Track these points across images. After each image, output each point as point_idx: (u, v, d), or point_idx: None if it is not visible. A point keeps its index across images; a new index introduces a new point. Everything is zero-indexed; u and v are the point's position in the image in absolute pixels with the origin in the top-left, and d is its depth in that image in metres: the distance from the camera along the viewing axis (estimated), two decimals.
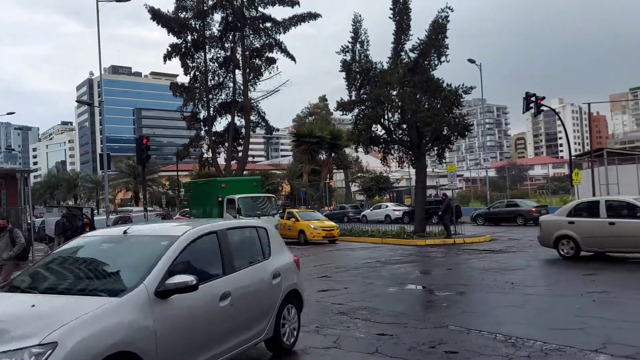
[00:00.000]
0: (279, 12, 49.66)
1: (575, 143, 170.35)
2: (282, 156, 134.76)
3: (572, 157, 33.54)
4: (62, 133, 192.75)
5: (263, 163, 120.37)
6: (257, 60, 36.99)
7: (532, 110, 28.48)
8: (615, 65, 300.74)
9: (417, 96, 22.09)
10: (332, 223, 24.64)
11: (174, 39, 36.63)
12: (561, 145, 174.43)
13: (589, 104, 38.45)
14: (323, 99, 72.06)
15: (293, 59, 37.00)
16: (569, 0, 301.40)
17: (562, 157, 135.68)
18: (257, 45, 36.80)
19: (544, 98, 27.60)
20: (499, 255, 15.78)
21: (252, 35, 36.63)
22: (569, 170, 31.76)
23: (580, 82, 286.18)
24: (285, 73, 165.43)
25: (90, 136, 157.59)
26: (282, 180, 50.99)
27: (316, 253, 19.13)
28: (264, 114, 38.93)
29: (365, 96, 22.96)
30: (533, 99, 27.64)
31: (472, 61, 37.19)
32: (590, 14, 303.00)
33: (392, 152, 24.44)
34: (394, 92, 22.44)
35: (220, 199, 21.00)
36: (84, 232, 20.90)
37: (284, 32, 36.14)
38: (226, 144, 37.70)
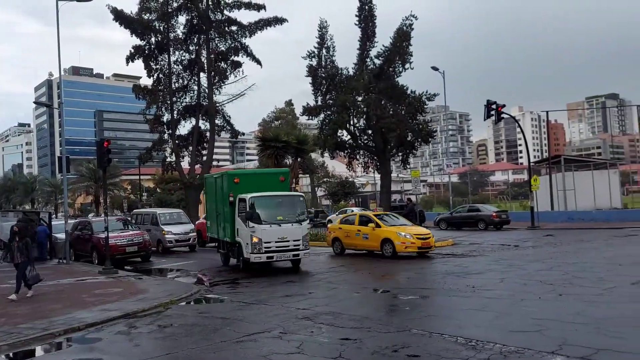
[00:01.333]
0: (245, 16, 49.64)
1: (534, 150, 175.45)
2: (248, 160, 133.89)
3: (531, 164, 34.50)
4: (19, 135, 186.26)
5: (228, 167, 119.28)
6: (223, 64, 36.70)
7: (493, 118, 29.19)
8: (573, 75, 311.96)
9: (382, 102, 22.39)
10: (426, 229, 18.92)
11: (137, 41, 36.00)
12: (521, 152, 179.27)
13: (547, 112, 39.77)
14: (289, 103, 71.99)
15: (259, 62, 36.84)
16: (529, 12, 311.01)
17: (521, 164, 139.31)
18: (223, 49, 36.52)
19: (504, 106, 28.32)
20: (460, 259, 16.06)
21: (217, 39, 36.33)
22: (528, 176, 32.64)
23: (539, 91, 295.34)
24: (251, 77, 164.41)
25: (49, 139, 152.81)
26: None
27: None
28: (229, 117, 38.59)
29: (331, 101, 23.12)
30: (494, 106, 28.33)
31: (435, 69, 37.75)
32: (550, 26, 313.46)
33: (358, 157, 24.69)
34: (360, 98, 22.67)
35: (231, 198, 15.35)
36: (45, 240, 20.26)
37: (250, 36, 35.97)
38: (190, 148, 37.20)
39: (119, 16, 34.54)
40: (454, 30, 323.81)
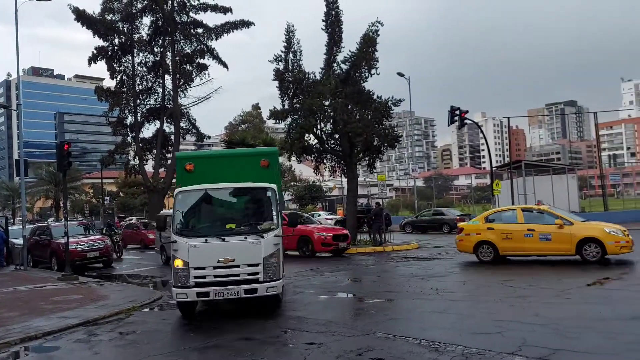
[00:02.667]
0: (211, 19, 49.31)
1: (496, 155, 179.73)
2: None
3: (493, 169, 35.34)
4: None
5: None
6: (188, 66, 36.32)
7: (457, 123, 29.78)
8: (533, 82, 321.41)
9: (349, 107, 22.49)
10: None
11: (100, 42, 35.26)
12: (484, 156, 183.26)
13: (508, 118, 40.84)
14: (256, 107, 71.67)
15: (225, 65, 36.64)
16: (493, 21, 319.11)
17: (484, 168, 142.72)
18: (188, 51, 36.15)
19: (467, 112, 28.91)
20: (425, 263, 16.29)
21: (183, 41, 35.93)
22: (490, 180, 33.39)
23: (501, 98, 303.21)
24: (217, 80, 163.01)
25: (7, 141, 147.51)
26: None
27: None
28: (195, 120, 38.21)
29: (298, 105, 23.09)
30: (457, 112, 28.88)
31: (401, 75, 38.40)
32: (512, 35, 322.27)
33: (325, 161, 24.72)
34: (327, 103, 22.72)
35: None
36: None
37: (216, 39, 35.74)
38: (154, 151, 36.59)
39: (81, 16, 33.78)
40: (420, 37, 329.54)
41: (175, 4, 34.80)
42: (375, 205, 26.43)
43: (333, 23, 22.66)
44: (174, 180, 41.44)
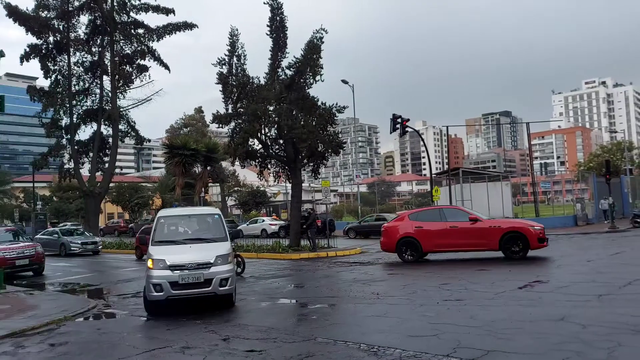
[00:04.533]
0: (153, 20, 48.14)
1: (436, 162, 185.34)
2: (155, 168, 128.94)
3: (433, 175, 36.39)
4: None
5: (132, 175, 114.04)
6: (128, 67, 35.27)
7: (399, 131, 30.48)
8: (471, 93, 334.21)
9: (294, 113, 22.53)
10: None
11: (33, 39, 33.61)
12: (424, 163, 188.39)
13: (447, 127, 42.27)
14: (199, 110, 70.45)
15: (167, 67, 35.81)
16: (434, 34, 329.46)
17: (425, 175, 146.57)
18: (128, 52, 35.12)
19: (408, 120, 29.67)
20: (367, 267, 16.53)
21: (122, 41, 34.87)
22: (430, 187, 34.35)
23: (441, 107, 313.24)
24: (159, 82, 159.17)
25: None
26: (153, 194, 48.74)
27: None
28: (134, 123, 37.13)
29: (242, 110, 22.91)
30: (399, 120, 29.59)
31: (345, 82, 38.89)
32: (451, 48, 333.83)
33: (269, 166, 24.62)
34: (271, 108, 22.67)
35: None
36: None
37: (158, 40, 34.95)
38: (91, 154, 35.20)
39: (13, 12, 32.13)
40: (365, 46, 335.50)
41: (115, 3, 33.76)
42: (310, 210, 26.61)
43: (278, 29, 22.68)
44: (111, 184, 39.98)
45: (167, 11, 34.29)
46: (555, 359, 6.03)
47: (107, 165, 35.51)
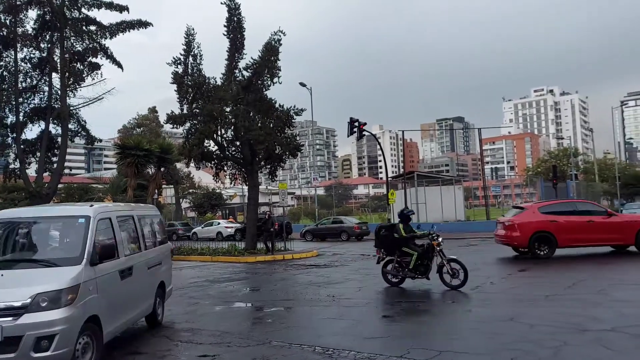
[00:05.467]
0: (106, 16, 46.60)
1: (392, 166, 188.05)
2: (106, 169, 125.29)
3: (389, 179, 36.92)
4: None
5: (83, 176, 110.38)
6: (79, 65, 34.03)
7: (356, 134, 30.75)
8: (427, 97, 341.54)
9: (251, 114, 22.34)
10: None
11: None
12: (381, 167, 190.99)
13: (403, 131, 42.89)
14: (153, 110, 68.84)
15: (120, 66, 34.80)
16: (393, 38, 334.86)
17: (381, 178, 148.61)
18: (79, 49, 33.88)
19: (365, 124, 29.99)
20: (323, 270, 16.55)
21: (73, 38, 33.61)
22: (386, 190, 34.82)
23: (397, 111, 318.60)
24: (112, 80, 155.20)
25: None
26: (104, 196, 47.27)
27: None
28: (85, 122, 35.82)
29: (197, 110, 22.54)
30: (356, 124, 29.87)
31: (303, 85, 38.97)
32: (407, 54, 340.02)
33: (225, 168, 24.31)
34: (228, 109, 22.40)
35: None
36: None
37: (111, 38, 33.85)
38: (38, 154, 33.79)
39: None
40: (323, 49, 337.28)
41: None
42: (264, 214, 26.45)
43: (235, 29, 22.45)
44: (60, 185, 38.50)
45: (121, 8, 33.31)
46: (504, 358, 6.19)
47: (55, 165, 34.15)
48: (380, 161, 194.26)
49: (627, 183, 62.06)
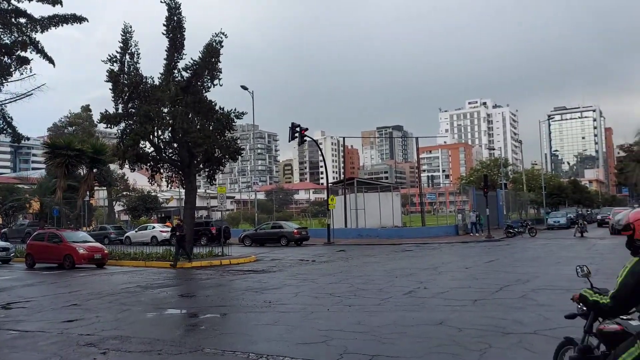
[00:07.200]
0: (38, 9, 44.46)
1: (333, 172, 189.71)
2: (34, 169, 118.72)
3: (330, 184, 37.24)
4: None
5: (8, 175, 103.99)
6: (6, 59, 32.14)
7: (297, 139, 30.85)
8: (368, 105, 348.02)
9: (189, 116, 21.89)
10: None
11: None
12: (322, 172, 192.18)
13: (344, 137, 43.54)
14: (86, 108, 66.04)
15: (52, 61, 33.09)
16: (336, 45, 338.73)
17: (322, 184, 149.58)
18: (7, 42, 32.01)
19: (307, 129, 30.16)
20: (261, 275, 16.43)
21: (1, 30, 31.75)
22: (326, 196, 35.08)
23: (339, 118, 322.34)
24: (42, 76, 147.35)
25: None
26: (31, 197, 44.81)
27: (71, 279, 17.22)
28: (12, 119, 33.74)
29: (133, 110, 21.84)
30: (298, 129, 29.97)
31: (245, 88, 38.58)
32: (349, 62, 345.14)
33: (162, 170, 23.66)
34: (165, 110, 21.86)
35: None
36: None
37: (42, 31, 32.17)
38: None
39: None
40: (267, 54, 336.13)
41: None
42: (178, 221, 25.48)
43: (175, 29, 21.96)
44: None
45: (54, 1, 31.71)
46: None
47: None
48: (321, 167, 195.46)
49: (551, 193, 65.91)
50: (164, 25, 22.00)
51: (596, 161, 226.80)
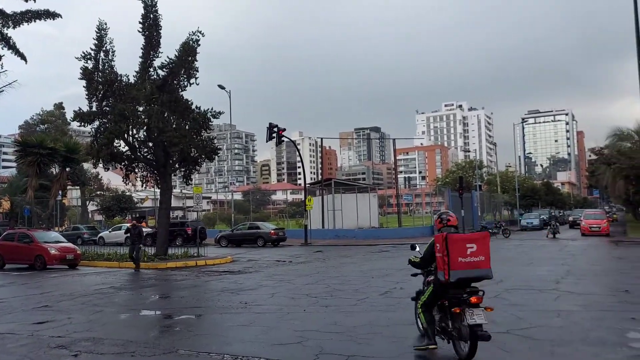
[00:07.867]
0: (10, 4, 43.25)
1: (311, 172, 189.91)
2: (4, 167, 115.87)
3: (307, 185, 37.21)
4: None
5: None
6: None
7: (275, 140, 30.75)
8: (346, 106, 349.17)
9: (165, 115, 21.64)
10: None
11: None
12: (300, 173, 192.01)
13: (322, 138, 43.57)
14: (60, 106, 64.74)
15: (24, 58, 32.37)
16: (315, 46, 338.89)
17: (300, 184, 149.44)
18: None
19: (284, 130, 30.10)
20: (237, 276, 16.33)
21: None
22: (304, 196, 35.06)
23: (317, 119, 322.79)
24: (14, 73, 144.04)
25: None
26: (1, 196, 43.73)
27: (42, 280, 16.85)
28: None
29: (108, 109, 21.50)
30: (275, 129, 29.90)
31: (222, 87, 38.34)
32: (327, 64, 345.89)
33: (136, 170, 23.34)
34: (141, 108, 21.57)
35: None
36: None
37: (14, 27, 31.46)
38: None
39: None
40: (245, 53, 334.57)
41: None
42: (133, 222, 24.48)
43: (151, 27, 21.69)
44: None
45: None
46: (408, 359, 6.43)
47: None
48: (299, 167, 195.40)
49: (525, 195, 67.15)
50: (139, 22, 21.72)
51: (568, 164, 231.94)
